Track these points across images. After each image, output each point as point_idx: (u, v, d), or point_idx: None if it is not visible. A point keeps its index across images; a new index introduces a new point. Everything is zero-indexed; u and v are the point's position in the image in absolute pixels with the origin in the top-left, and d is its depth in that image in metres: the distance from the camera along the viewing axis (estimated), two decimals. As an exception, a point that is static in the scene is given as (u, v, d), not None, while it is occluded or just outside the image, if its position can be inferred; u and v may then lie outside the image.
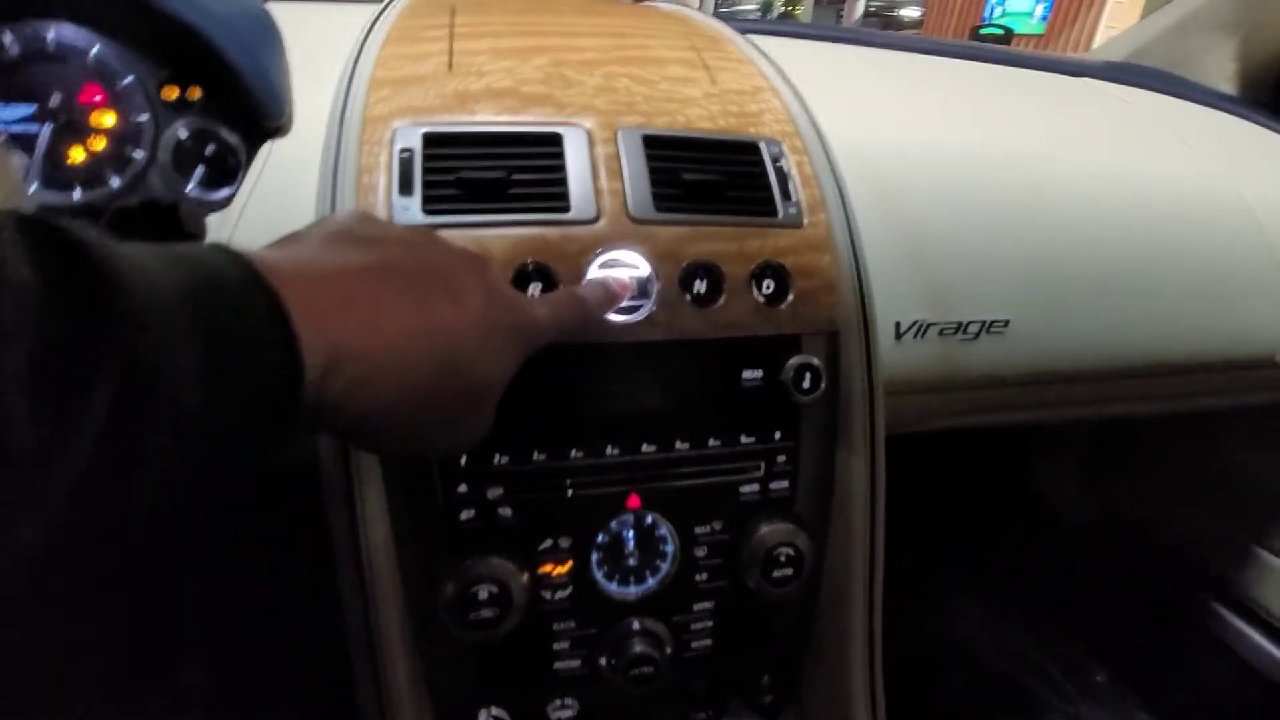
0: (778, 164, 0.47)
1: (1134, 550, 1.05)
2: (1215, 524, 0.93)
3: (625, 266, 0.42)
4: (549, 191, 0.43)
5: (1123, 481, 1.07)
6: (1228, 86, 0.82)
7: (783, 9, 11.22)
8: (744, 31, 0.66)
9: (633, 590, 0.44)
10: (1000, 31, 8.00)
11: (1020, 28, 8.08)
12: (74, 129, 0.46)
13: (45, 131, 0.45)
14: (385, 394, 0.25)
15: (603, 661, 0.44)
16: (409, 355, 0.26)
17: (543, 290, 0.40)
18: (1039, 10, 8.09)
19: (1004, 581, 1.11)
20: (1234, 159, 0.68)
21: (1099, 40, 7.06)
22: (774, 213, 0.46)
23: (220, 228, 0.44)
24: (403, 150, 0.42)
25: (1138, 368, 0.59)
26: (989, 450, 1.18)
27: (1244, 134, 0.76)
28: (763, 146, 0.48)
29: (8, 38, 0.44)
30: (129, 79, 0.47)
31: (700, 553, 0.44)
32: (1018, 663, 0.99)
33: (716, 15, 0.74)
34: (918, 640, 1.01)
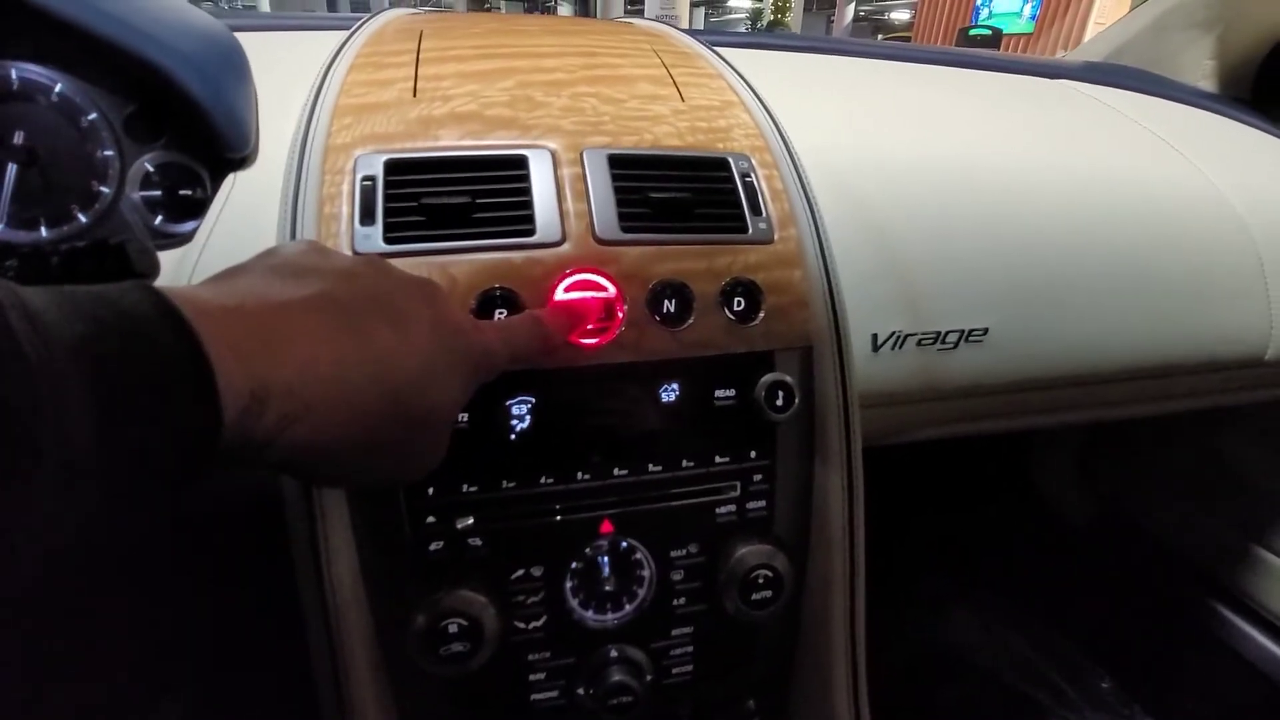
0: (746, 179, 0.47)
1: (1134, 550, 1.04)
2: (1216, 523, 0.92)
3: (592, 289, 0.41)
4: (513, 215, 0.42)
5: (1121, 479, 1.06)
6: (1206, 84, 0.81)
7: (772, 17, 11.30)
8: (718, 45, 0.66)
9: (610, 617, 0.43)
10: (988, 32, 8.05)
11: (1009, 28, 8.13)
12: (38, 166, 0.46)
13: (10, 171, 0.45)
14: (322, 427, 0.24)
15: (581, 691, 0.43)
16: (347, 387, 0.25)
17: (509, 314, 0.40)
18: (1027, 10, 8.14)
19: (1003, 584, 1.10)
20: (1214, 157, 0.67)
21: (1090, 32, 7.10)
22: (744, 229, 0.45)
23: (184, 260, 0.44)
24: (364, 178, 0.42)
25: (1122, 371, 0.58)
26: (984, 451, 1.18)
27: (1224, 131, 0.75)
28: (731, 162, 0.47)
29: (-32, 79, 0.44)
30: (93, 115, 0.47)
31: (677, 577, 0.44)
32: (1020, 670, 0.98)
33: (706, 25, 0.74)
34: (917, 648, 1.00)
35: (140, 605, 0.53)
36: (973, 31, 8.17)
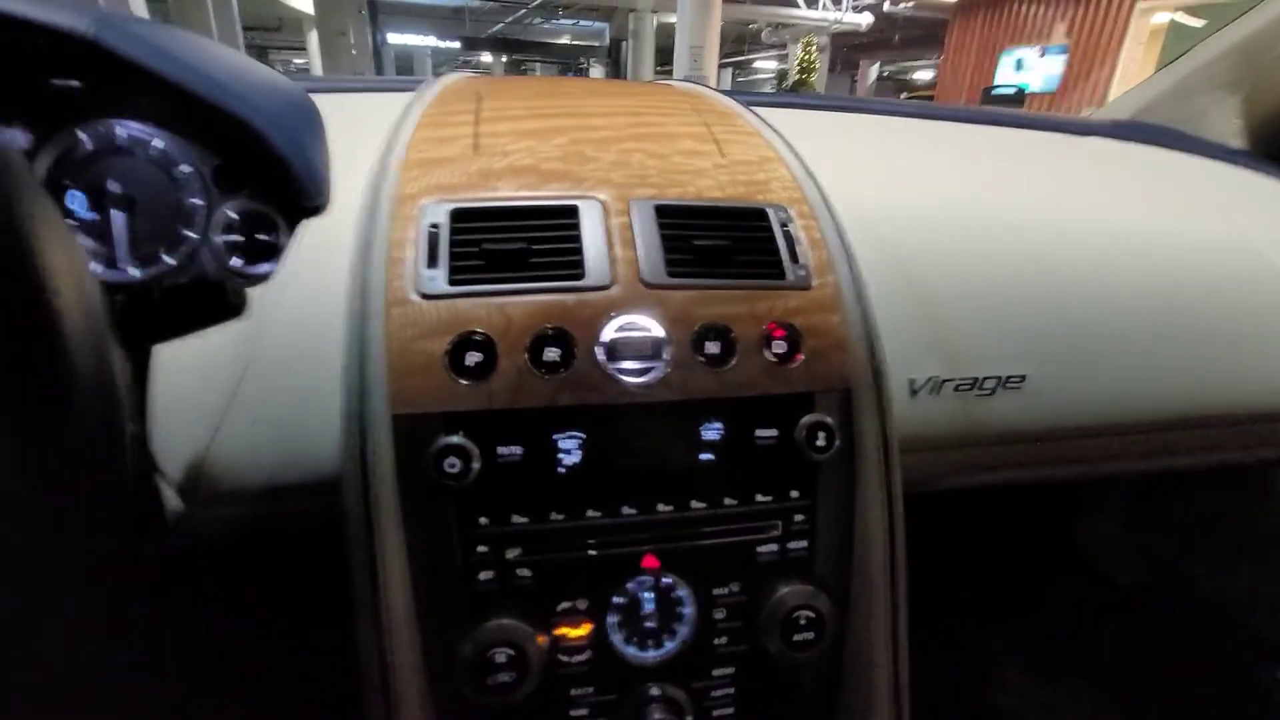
0: (785, 229, 0.49)
1: (1184, 610, 0.99)
2: (1269, 584, 0.88)
3: (639, 330, 0.43)
4: (566, 260, 0.45)
5: (1170, 537, 1.02)
6: (1235, 142, 0.83)
7: (798, 76, 11.65)
8: (753, 105, 0.70)
9: (651, 655, 0.43)
10: (1012, 91, 8.19)
11: (1031, 87, 8.28)
12: (135, 213, 0.51)
13: (118, 218, 0.49)
14: None
15: (622, 729, 0.43)
16: None
17: (561, 352, 0.42)
18: (1038, 79, 8.30)
19: (1051, 644, 1.06)
20: (1246, 210, 0.68)
21: (1113, 94, 7.19)
22: (782, 275, 0.47)
23: (263, 299, 0.47)
24: (431, 225, 0.45)
25: (1162, 421, 0.58)
26: (1029, 505, 1.15)
27: (1255, 186, 0.76)
28: (770, 213, 0.50)
29: (83, 136, 0.49)
30: (185, 167, 0.52)
31: (719, 615, 0.44)
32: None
33: (734, 85, 0.78)
34: (967, 709, 0.96)
35: (190, 625, 0.54)
36: (996, 90, 8.32)
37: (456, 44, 14.63)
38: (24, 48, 0.42)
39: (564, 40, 15.99)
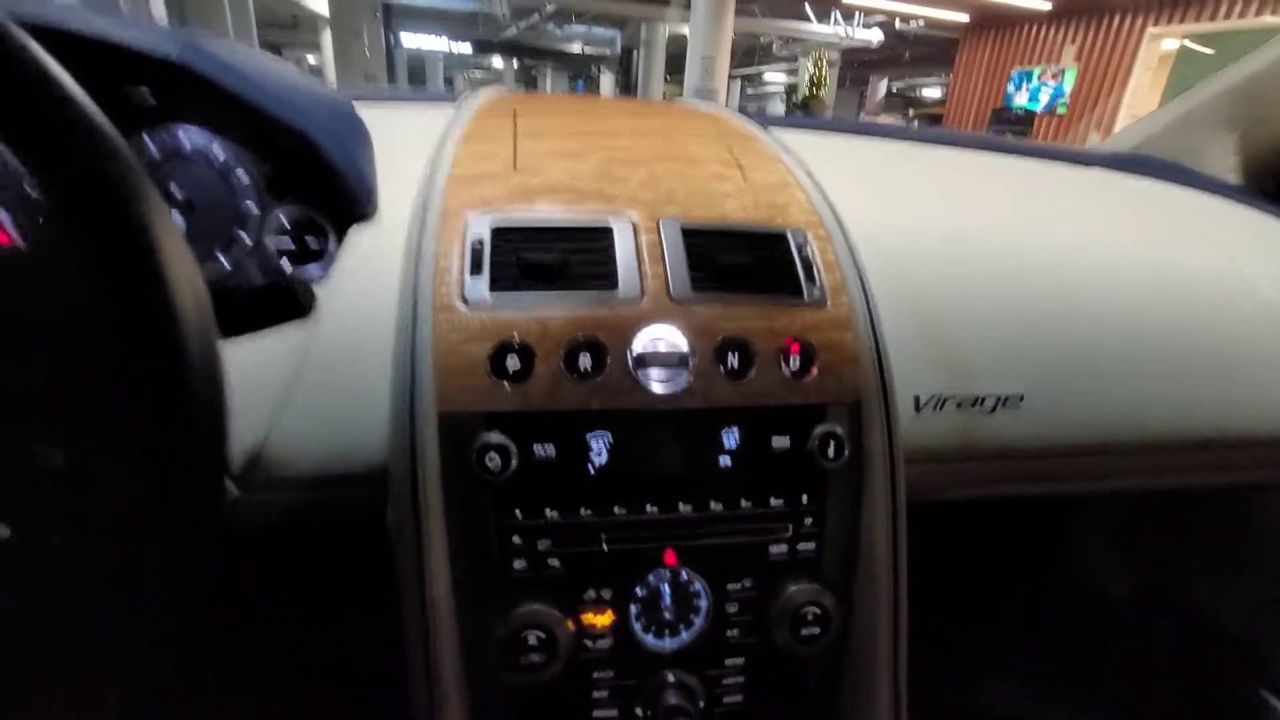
0: (803, 251, 0.53)
1: (1180, 627, 1.02)
2: (1264, 603, 0.91)
3: (666, 341, 0.47)
4: (599, 272, 0.48)
5: (1165, 553, 1.05)
6: (1233, 178, 0.86)
7: (809, 90, 11.73)
8: (773, 127, 0.73)
9: (667, 643, 0.46)
10: (1022, 111, 8.26)
11: (1041, 108, 8.36)
12: (193, 216, 0.54)
13: (179, 220, 0.53)
14: None
15: (638, 712, 0.46)
16: None
17: (593, 359, 0.45)
18: (1044, 99, 8.37)
19: (1045, 656, 1.09)
20: (1240, 243, 0.72)
21: (1123, 116, 7.26)
22: (799, 294, 0.51)
23: (324, 298, 0.51)
24: (475, 238, 0.49)
25: (1154, 443, 0.61)
26: (1024, 517, 1.18)
27: (1249, 221, 0.80)
28: (789, 235, 0.53)
29: (150, 143, 0.53)
30: (241, 173, 0.55)
31: (732, 609, 0.47)
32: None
33: (743, 97, 0.82)
34: (955, 715, 0.98)
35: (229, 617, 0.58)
36: (1007, 110, 8.40)
37: (468, 47, 14.76)
38: (108, 64, 0.45)
39: (575, 47, 16.11)
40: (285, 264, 0.56)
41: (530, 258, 0.48)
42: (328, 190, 0.54)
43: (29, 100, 0.28)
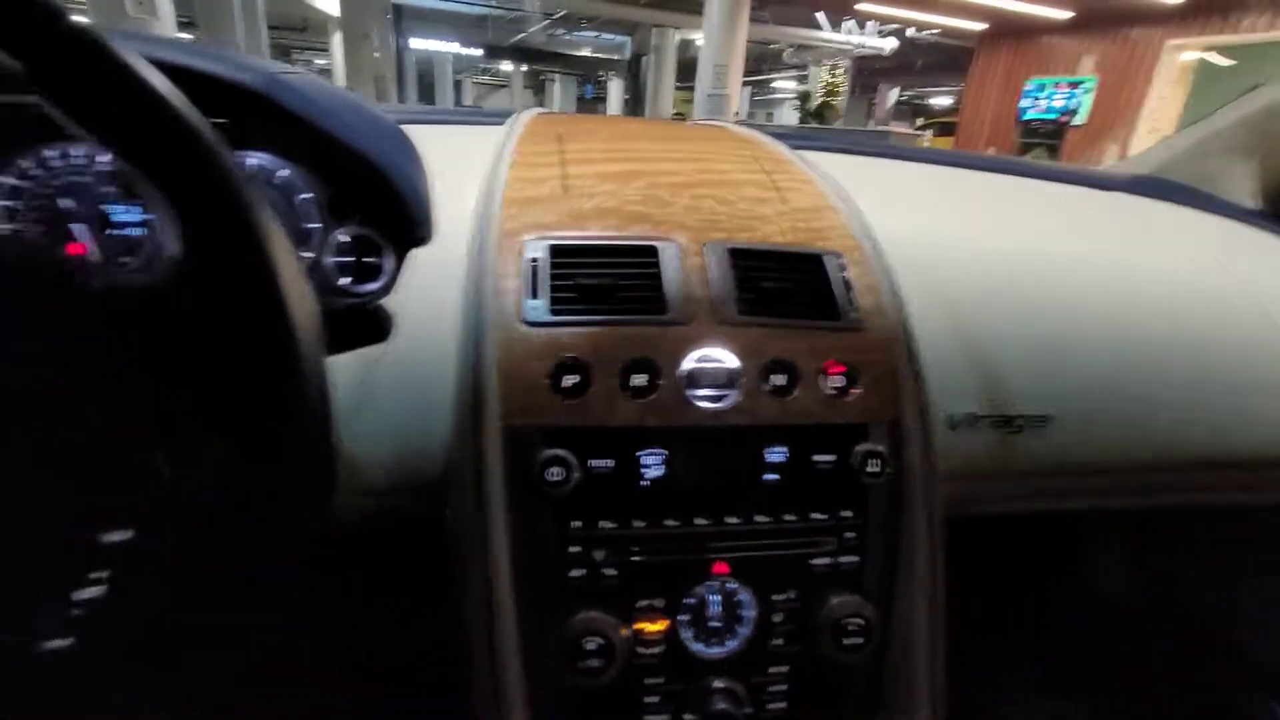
0: (842, 274, 0.55)
1: (1191, 643, 1.03)
2: (1272, 617, 0.92)
3: (715, 361, 0.49)
4: (650, 295, 0.51)
5: (1192, 570, 1.06)
6: (1249, 203, 0.88)
7: (822, 98, 11.76)
8: (800, 149, 0.76)
9: (715, 651, 0.49)
10: (1051, 116, 8.24)
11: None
12: None
13: None
14: None
15: (686, 717, 0.48)
16: None
17: (648, 380, 0.47)
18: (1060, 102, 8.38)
19: (1072, 670, 1.10)
20: (1256, 268, 0.73)
21: (1140, 129, 7.27)
22: (839, 316, 0.53)
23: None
24: (531, 260, 0.51)
25: (1180, 462, 0.63)
26: (1051, 532, 1.19)
27: (1266, 245, 0.82)
28: (828, 260, 0.56)
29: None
30: (305, 195, 0.58)
31: (777, 619, 0.49)
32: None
33: (752, 104, 0.84)
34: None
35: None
36: (1030, 117, 8.40)
37: (479, 52, 14.85)
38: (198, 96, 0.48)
39: (585, 52, 16.20)
40: (343, 280, 0.59)
41: (585, 280, 0.50)
42: (389, 213, 0.57)
43: (187, 153, 0.31)
